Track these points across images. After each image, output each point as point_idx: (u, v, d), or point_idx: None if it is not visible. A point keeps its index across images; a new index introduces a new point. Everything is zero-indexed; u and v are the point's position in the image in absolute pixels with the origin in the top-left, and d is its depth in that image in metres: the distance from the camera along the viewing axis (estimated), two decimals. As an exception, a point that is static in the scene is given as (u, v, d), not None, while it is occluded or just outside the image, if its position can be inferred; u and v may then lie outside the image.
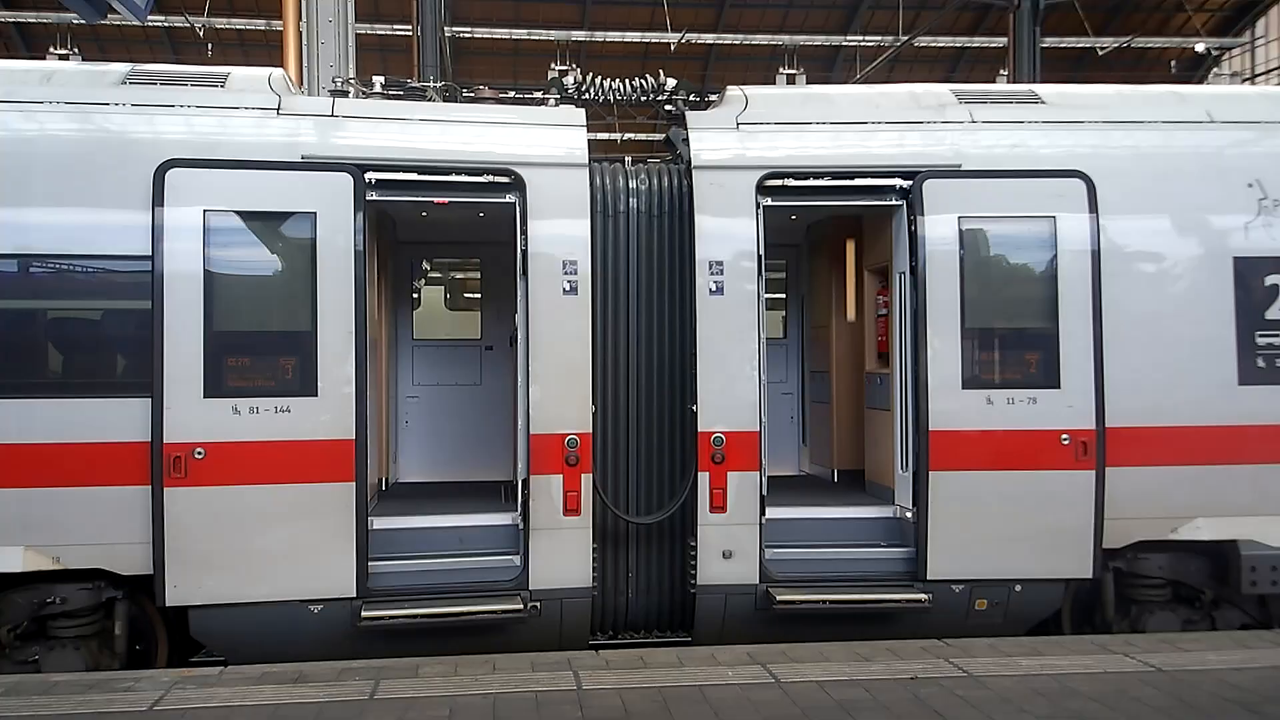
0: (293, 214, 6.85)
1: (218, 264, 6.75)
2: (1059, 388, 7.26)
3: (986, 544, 7.24)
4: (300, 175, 6.84)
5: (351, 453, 6.78)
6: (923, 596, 7.19)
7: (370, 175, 6.94)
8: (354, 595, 6.78)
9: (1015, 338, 7.38)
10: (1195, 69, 30.15)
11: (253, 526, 6.71)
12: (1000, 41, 26.13)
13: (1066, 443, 7.22)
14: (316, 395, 6.78)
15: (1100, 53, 26.64)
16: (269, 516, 6.73)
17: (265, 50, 24.89)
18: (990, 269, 7.42)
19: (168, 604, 6.62)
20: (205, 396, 6.65)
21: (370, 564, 6.90)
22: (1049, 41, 25.39)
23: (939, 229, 7.28)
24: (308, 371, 6.78)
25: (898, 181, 7.40)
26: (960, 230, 7.29)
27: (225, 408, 6.67)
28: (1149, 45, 29.67)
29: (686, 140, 7.56)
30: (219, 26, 26.41)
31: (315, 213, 6.83)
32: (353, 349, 6.82)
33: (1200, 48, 28.38)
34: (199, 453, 6.61)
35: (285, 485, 6.73)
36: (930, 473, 7.19)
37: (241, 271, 6.91)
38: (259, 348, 6.87)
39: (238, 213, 6.81)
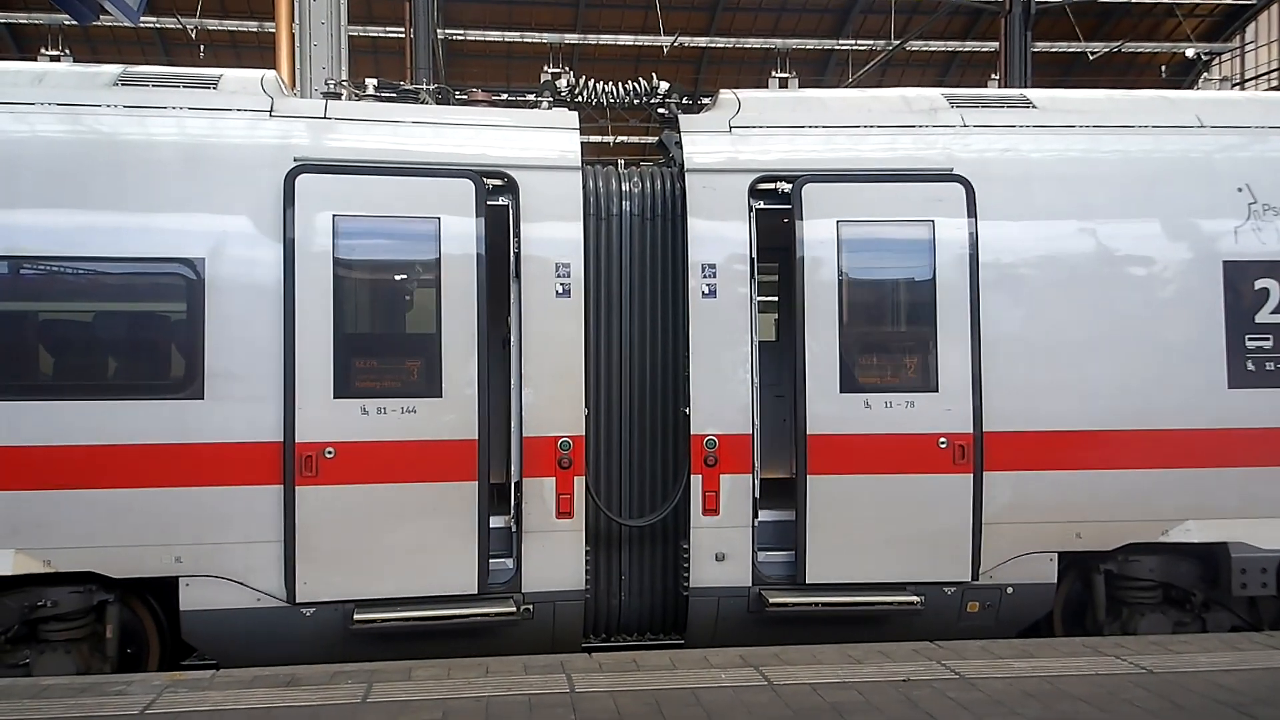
0: (418, 218, 6.94)
1: (346, 267, 6.84)
2: (936, 391, 7.23)
3: (863, 548, 7.20)
4: (423, 181, 6.93)
5: (475, 452, 6.84)
6: (914, 599, 7.19)
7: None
8: (475, 593, 6.86)
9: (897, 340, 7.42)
10: (1185, 74, 30.26)
11: (380, 525, 6.78)
12: (991, 46, 26.25)
13: (944, 446, 7.23)
14: (441, 396, 6.84)
15: (1091, 57, 26.79)
16: (396, 515, 6.80)
17: (258, 52, 24.93)
18: (870, 273, 7.43)
19: (298, 601, 6.67)
20: (335, 397, 6.71)
21: None
22: (1040, 46, 25.49)
23: (817, 232, 7.26)
24: (433, 372, 6.85)
25: (781, 185, 7.34)
26: (839, 234, 7.25)
27: (354, 408, 6.74)
28: (1139, 50, 29.86)
29: (679, 143, 7.57)
30: (211, 28, 26.40)
31: (439, 218, 6.91)
32: (475, 350, 6.88)
33: (1190, 53, 28.48)
34: (329, 452, 6.66)
35: (412, 484, 6.80)
36: (808, 476, 7.16)
37: (369, 275, 7.03)
38: (386, 349, 6.99)
39: (366, 217, 6.89)
